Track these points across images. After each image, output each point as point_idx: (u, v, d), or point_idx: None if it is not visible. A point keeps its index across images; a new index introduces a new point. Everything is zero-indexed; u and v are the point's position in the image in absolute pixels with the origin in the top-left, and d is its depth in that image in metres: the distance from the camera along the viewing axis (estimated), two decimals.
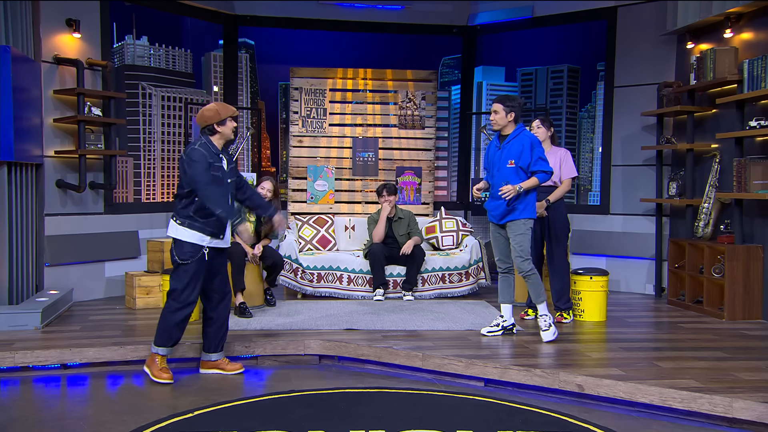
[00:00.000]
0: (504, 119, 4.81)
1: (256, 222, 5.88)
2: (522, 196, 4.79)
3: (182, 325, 4.27)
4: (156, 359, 4.27)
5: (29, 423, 3.59)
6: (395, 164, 7.63)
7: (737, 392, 3.65)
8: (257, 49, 8.28)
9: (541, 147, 4.83)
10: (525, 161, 4.76)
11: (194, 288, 4.21)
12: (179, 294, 4.19)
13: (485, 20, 7.95)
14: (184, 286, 4.18)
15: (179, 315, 4.21)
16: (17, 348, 4.51)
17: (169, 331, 4.23)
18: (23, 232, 5.52)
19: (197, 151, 4.13)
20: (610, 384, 3.87)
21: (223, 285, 4.41)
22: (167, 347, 4.28)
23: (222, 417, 3.64)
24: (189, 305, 4.22)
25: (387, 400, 3.96)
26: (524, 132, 4.84)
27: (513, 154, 4.79)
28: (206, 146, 4.18)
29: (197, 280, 4.21)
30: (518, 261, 4.83)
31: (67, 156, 6.12)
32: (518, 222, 4.81)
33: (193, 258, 4.15)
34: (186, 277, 4.17)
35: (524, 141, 4.78)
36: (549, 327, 4.84)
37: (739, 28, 5.97)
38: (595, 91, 7.68)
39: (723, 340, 4.95)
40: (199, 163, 4.09)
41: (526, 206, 4.81)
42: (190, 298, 4.21)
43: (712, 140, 6.19)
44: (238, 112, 4.18)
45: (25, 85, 5.43)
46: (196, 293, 4.24)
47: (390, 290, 6.49)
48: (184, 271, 4.17)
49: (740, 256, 5.58)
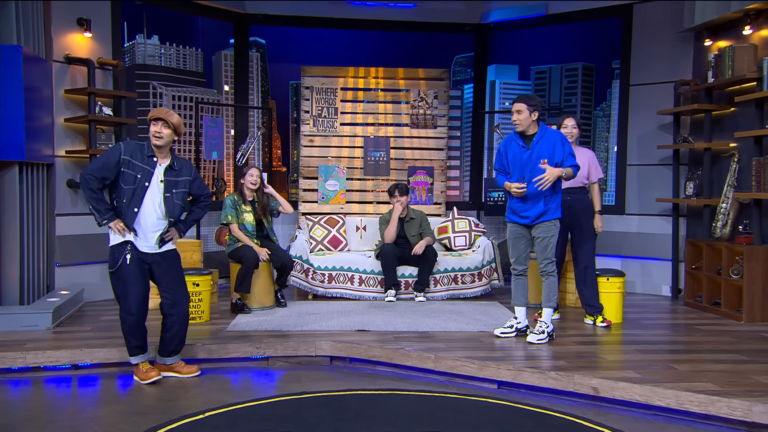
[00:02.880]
0: (528, 119, 4.76)
1: (252, 210, 5.89)
2: (552, 196, 4.76)
3: (136, 333, 4.17)
4: (139, 365, 4.25)
5: (41, 423, 3.59)
6: (407, 164, 7.58)
7: (756, 396, 3.58)
8: (268, 48, 8.27)
9: (569, 143, 4.81)
10: (558, 157, 4.72)
11: (128, 295, 4.10)
12: (121, 302, 4.13)
13: (498, 18, 7.89)
14: (119, 295, 4.13)
15: (126, 323, 4.14)
16: (28, 348, 4.51)
17: (126, 340, 4.19)
18: (34, 232, 5.53)
19: (115, 146, 4.15)
20: (625, 387, 3.81)
21: (171, 293, 4.26)
22: (137, 355, 4.24)
23: (233, 418, 3.62)
24: (130, 314, 4.12)
25: (399, 402, 3.92)
26: (549, 129, 4.80)
27: (545, 154, 4.73)
28: (136, 145, 4.16)
29: (131, 286, 4.09)
30: (545, 262, 4.83)
31: (78, 156, 6.12)
32: (549, 222, 4.79)
33: (117, 262, 4.09)
34: (119, 286, 4.11)
35: (555, 138, 4.74)
36: (542, 333, 4.79)
37: (759, 24, 5.87)
38: (610, 89, 7.60)
39: (741, 342, 4.87)
40: (106, 153, 4.09)
41: (558, 206, 4.79)
42: (130, 307, 4.11)
43: (730, 139, 6.09)
44: (157, 117, 4.16)
45: (36, 85, 5.43)
46: (134, 301, 4.11)
47: (402, 291, 6.44)
48: (117, 279, 4.12)
49: (759, 257, 5.48)
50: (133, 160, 4.10)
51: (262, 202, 5.97)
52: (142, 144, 4.17)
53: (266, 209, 6.00)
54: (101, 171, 4.05)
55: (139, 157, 4.12)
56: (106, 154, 4.11)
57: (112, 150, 4.13)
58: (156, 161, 4.16)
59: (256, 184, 5.92)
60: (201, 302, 5.40)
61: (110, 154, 4.10)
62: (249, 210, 5.91)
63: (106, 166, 4.06)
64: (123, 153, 4.09)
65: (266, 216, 6.01)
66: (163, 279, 4.24)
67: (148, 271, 4.20)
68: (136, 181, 4.10)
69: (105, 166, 4.06)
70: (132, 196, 4.10)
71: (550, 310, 4.86)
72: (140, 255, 4.14)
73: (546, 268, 4.83)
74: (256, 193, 5.97)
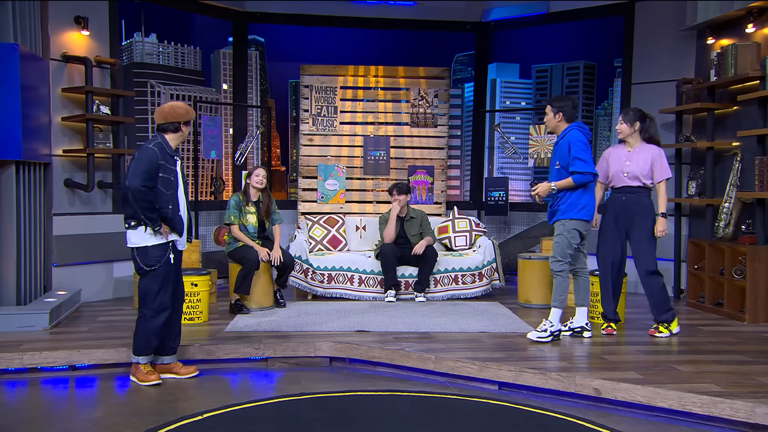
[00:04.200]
0: (553, 120, 4.80)
1: (257, 212, 5.85)
2: (564, 197, 4.73)
3: (159, 332, 4.19)
4: (140, 366, 4.21)
5: (37, 425, 3.56)
6: (407, 163, 7.55)
7: (760, 397, 3.55)
8: (267, 47, 8.24)
9: (580, 146, 4.67)
10: (565, 161, 4.69)
11: (164, 292, 4.13)
12: (153, 301, 4.11)
13: (499, 16, 7.85)
14: (153, 293, 4.10)
15: (156, 321, 4.13)
16: (25, 349, 4.48)
17: (146, 339, 4.16)
18: (31, 232, 5.49)
19: (148, 151, 4.02)
20: (627, 388, 3.78)
21: (179, 288, 4.32)
22: (147, 355, 4.22)
23: (231, 420, 3.59)
24: (164, 310, 4.14)
25: (399, 404, 3.89)
26: (571, 132, 4.75)
27: (558, 155, 4.77)
28: (161, 146, 4.09)
29: (168, 284, 4.14)
30: (551, 261, 4.84)
31: (75, 155, 6.09)
32: (559, 223, 4.80)
33: (160, 261, 4.08)
34: (155, 284, 4.10)
35: (568, 140, 4.72)
36: (544, 332, 4.77)
37: (762, 23, 5.83)
38: (612, 88, 7.58)
39: (745, 343, 4.84)
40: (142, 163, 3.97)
41: (568, 207, 4.75)
42: (165, 303, 4.13)
43: (733, 138, 6.06)
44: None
45: (33, 84, 5.40)
46: (171, 297, 4.17)
47: (402, 291, 6.41)
48: (153, 278, 4.09)
49: (762, 257, 5.44)
50: (167, 164, 4.08)
51: (267, 204, 5.93)
52: (161, 143, 4.11)
53: (269, 211, 5.96)
54: (149, 181, 3.99)
55: (167, 159, 4.10)
56: (144, 161, 3.99)
57: (148, 155, 4.01)
58: (176, 159, 4.19)
59: (262, 184, 5.87)
60: (200, 302, 5.36)
61: (149, 159, 4.00)
62: (253, 211, 5.86)
63: (150, 174, 3.99)
64: (159, 158, 4.03)
65: (269, 218, 5.97)
66: (177, 274, 4.31)
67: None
68: (172, 184, 4.10)
69: (149, 175, 3.99)
70: (176, 200, 4.13)
71: (556, 311, 4.83)
72: (177, 253, 4.22)
73: (552, 266, 4.84)
74: (262, 194, 5.93)
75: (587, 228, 4.84)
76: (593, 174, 4.68)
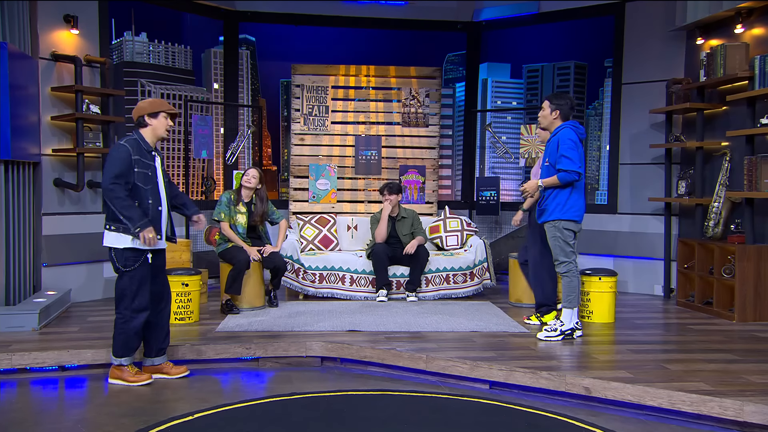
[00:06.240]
0: (548, 117, 4.80)
1: (248, 213, 5.84)
2: (552, 195, 4.73)
3: (140, 333, 4.17)
4: (125, 368, 4.18)
5: (27, 426, 3.53)
6: (398, 163, 7.55)
7: (748, 395, 3.57)
8: (258, 46, 8.22)
9: (569, 143, 4.67)
10: (554, 159, 4.70)
11: (143, 292, 4.09)
12: (131, 301, 4.07)
13: (490, 16, 7.86)
14: (130, 294, 4.06)
15: (135, 322, 4.09)
16: (14, 350, 4.45)
17: (126, 341, 4.12)
18: (20, 231, 5.46)
19: (120, 148, 4.00)
20: (617, 387, 3.80)
21: (163, 288, 4.28)
22: (129, 356, 4.19)
23: (222, 420, 3.58)
24: (143, 311, 4.11)
25: (390, 403, 3.89)
26: (563, 130, 4.75)
27: (548, 153, 4.78)
28: (135, 142, 4.07)
29: (145, 284, 4.10)
30: (556, 264, 4.84)
31: (64, 154, 6.05)
32: (549, 225, 4.81)
33: (137, 261, 4.05)
34: (132, 284, 4.05)
35: (559, 138, 4.72)
36: (554, 332, 4.76)
37: (751, 23, 5.87)
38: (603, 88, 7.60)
39: (733, 342, 4.87)
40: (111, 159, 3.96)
41: (556, 207, 4.76)
42: (143, 304, 4.10)
43: (722, 138, 6.09)
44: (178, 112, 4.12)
45: (22, 82, 5.36)
46: (149, 297, 4.13)
47: (393, 291, 6.41)
48: (131, 278, 4.05)
49: (751, 256, 5.48)
50: (142, 158, 4.05)
51: (261, 210, 5.89)
52: (136, 139, 4.09)
53: (264, 217, 5.94)
54: (122, 176, 3.95)
55: (143, 154, 4.07)
56: (117, 158, 3.96)
57: (120, 152, 3.99)
58: (155, 155, 4.16)
59: (251, 183, 5.86)
60: (190, 302, 5.34)
61: (121, 156, 3.97)
62: (243, 212, 5.84)
63: (123, 170, 3.96)
64: (132, 153, 4.01)
65: (263, 223, 5.95)
66: (158, 274, 4.25)
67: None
68: (150, 179, 4.06)
69: (122, 171, 3.95)
70: (155, 194, 4.09)
71: (567, 310, 4.83)
72: (155, 252, 4.17)
73: (558, 269, 4.84)
74: (255, 196, 5.91)
75: (578, 227, 4.84)
76: (578, 173, 4.67)
